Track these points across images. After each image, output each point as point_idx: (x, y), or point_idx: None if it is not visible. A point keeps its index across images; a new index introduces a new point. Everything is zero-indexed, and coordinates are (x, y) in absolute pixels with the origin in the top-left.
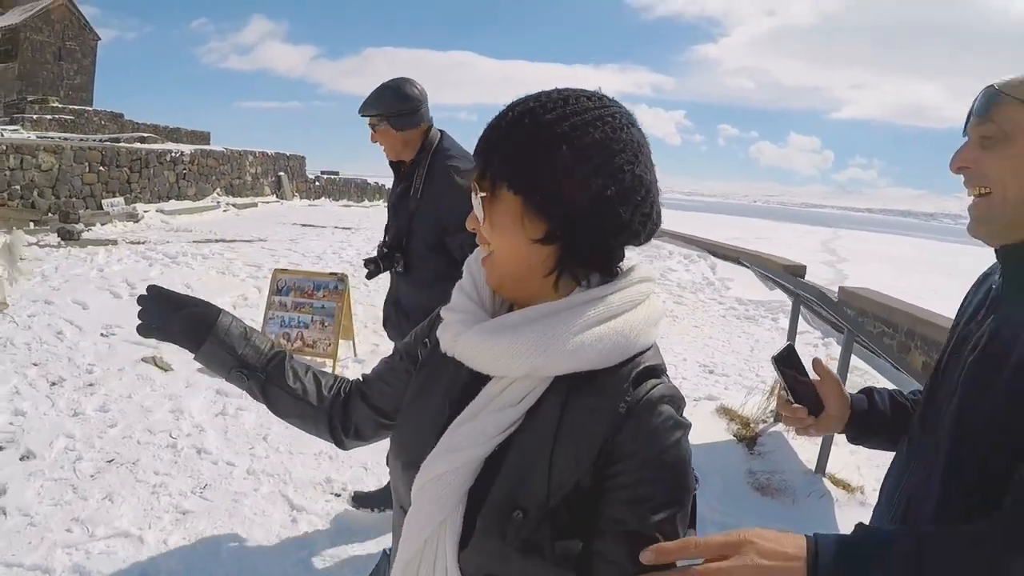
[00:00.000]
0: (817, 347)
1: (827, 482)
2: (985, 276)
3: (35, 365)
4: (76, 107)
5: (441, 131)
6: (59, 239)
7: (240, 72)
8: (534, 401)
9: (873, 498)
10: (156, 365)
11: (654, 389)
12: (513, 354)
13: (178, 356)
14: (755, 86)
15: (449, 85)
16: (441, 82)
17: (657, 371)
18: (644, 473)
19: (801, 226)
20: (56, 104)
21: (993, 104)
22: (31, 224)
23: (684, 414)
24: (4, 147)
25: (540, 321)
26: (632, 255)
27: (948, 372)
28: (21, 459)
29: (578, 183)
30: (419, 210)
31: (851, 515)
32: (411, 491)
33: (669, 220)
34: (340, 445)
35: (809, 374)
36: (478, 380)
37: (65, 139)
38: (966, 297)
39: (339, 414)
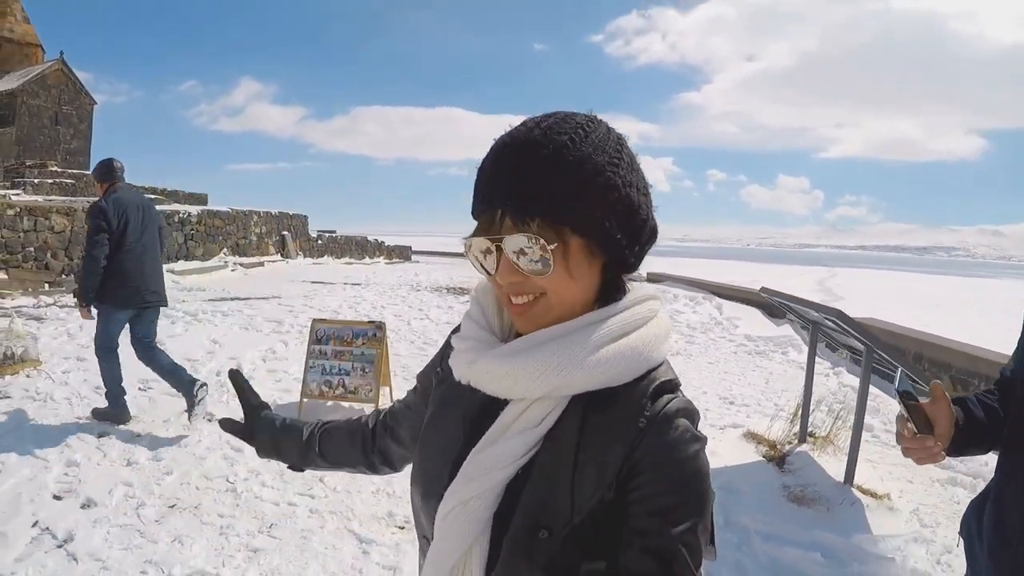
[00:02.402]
0: (828, 376)
1: (856, 491)
2: None
3: (78, 419)
4: (75, 171)
5: (127, 186)
6: (75, 299)
7: (231, 134)
8: (553, 422)
9: (900, 504)
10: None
11: (671, 403)
12: (531, 375)
13: (221, 407)
14: (740, 130)
15: (438, 141)
16: (430, 139)
17: (672, 386)
18: (665, 485)
19: (796, 267)
20: (55, 168)
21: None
22: (46, 285)
23: (713, 439)
24: (18, 209)
25: (555, 341)
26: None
27: None
28: (82, 507)
29: (630, 210)
30: None
31: (882, 519)
32: (434, 520)
33: (667, 266)
34: (395, 471)
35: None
36: (494, 405)
37: (74, 201)
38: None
39: (379, 457)
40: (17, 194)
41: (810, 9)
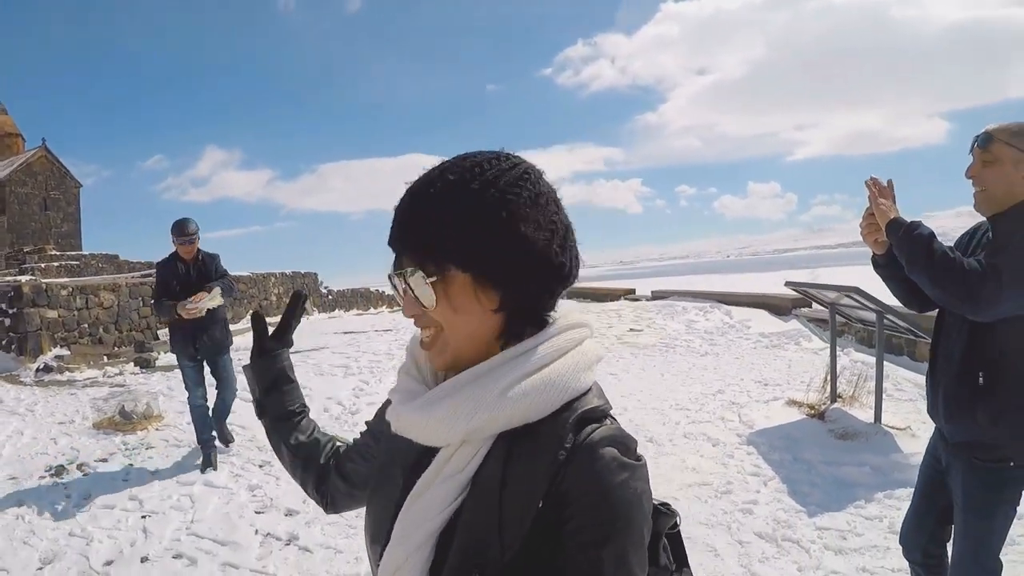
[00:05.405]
0: (840, 355)
1: (885, 427)
2: (975, 229)
3: (228, 456)
4: (73, 252)
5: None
6: (137, 367)
7: (202, 203)
8: (477, 465)
9: (919, 432)
10: None
11: (595, 432)
12: (444, 423)
13: (351, 435)
14: (703, 143)
15: (404, 189)
16: (397, 186)
17: (597, 414)
18: (592, 517)
19: (778, 272)
20: (54, 252)
21: (989, 142)
22: (104, 358)
23: (761, 409)
24: (71, 289)
25: (466, 386)
26: (570, 304)
27: None
28: (286, 515)
29: (522, 246)
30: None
31: (908, 443)
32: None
33: (651, 285)
34: (324, 509)
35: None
36: (430, 452)
37: (117, 277)
38: (961, 239)
39: (322, 482)
40: (32, 279)
41: (751, 16)
